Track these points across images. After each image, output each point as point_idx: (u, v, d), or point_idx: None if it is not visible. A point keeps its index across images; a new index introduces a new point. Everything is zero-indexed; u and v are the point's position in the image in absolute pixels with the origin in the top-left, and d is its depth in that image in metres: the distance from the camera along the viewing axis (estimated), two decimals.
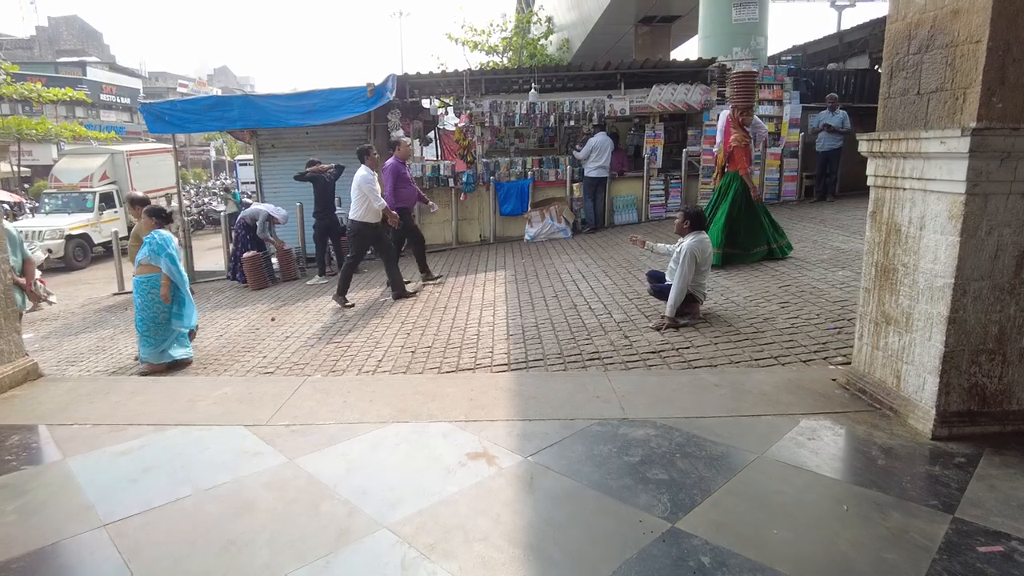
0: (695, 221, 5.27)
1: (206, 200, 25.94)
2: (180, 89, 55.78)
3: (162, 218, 6.01)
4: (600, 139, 10.71)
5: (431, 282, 8.26)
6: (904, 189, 3.21)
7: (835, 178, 11.15)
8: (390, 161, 8.12)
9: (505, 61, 21.92)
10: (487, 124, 11.14)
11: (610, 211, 11.45)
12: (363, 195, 7.26)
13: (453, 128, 12.36)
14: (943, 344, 3.00)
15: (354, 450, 3.31)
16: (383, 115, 11.25)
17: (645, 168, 11.27)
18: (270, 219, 10.28)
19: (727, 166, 7.13)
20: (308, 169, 9.68)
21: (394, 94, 10.70)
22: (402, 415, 3.72)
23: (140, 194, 6.98)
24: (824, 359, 4.22)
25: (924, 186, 3.06)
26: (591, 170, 10.77)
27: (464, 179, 11.14)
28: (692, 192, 11.50)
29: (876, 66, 12.99)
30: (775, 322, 5.03)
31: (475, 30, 23.74)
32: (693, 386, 3.85)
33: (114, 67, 55.39)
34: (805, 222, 9.49)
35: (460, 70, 11.31)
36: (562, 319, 5.90)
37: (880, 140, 3.33)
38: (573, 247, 9.89)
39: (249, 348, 6.48)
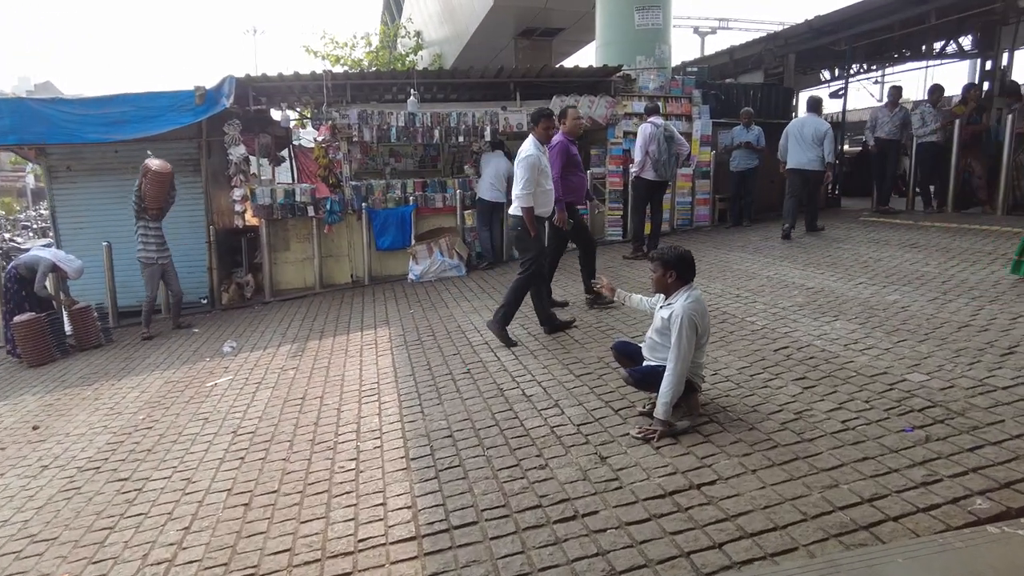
0: (682, 270, 3.51)
1: (7, 237, 21.60)
2: None
3: None
4: (494, 157, 8.98)
5: (600, 305, 6.07)
6: None
7: (751, 200, 10.10)
8: (557, 137, 5.79)
9: None
10: (355, 139, 8.97)
11: (508, 242, 9.67)
12: (521, 179, 5.18)
13: (312, 145, 10.03)
14: None
15: None
16: (219, 128, 8.77)
17: None
18: (56, 270, 7.48)
19: None
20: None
21: (232, 101, 8.31)
22: None
23: None
24: (954, 502, 2.54)
25: None
26: (485, 191, 8.97)
27: (328, 207, 8.87)
28: (597, 220, 9.97)
29: (778, 81, 12.28)
30: (814, 419, 3.35)
31: (337, 43, 21.47)
32: None
33: None
34: (735, 252, 8.18)
35: (318, 72, 9.08)
36: (488, 419, 3.89)
37: None
38: (472, 288, 7.95)
39: None
